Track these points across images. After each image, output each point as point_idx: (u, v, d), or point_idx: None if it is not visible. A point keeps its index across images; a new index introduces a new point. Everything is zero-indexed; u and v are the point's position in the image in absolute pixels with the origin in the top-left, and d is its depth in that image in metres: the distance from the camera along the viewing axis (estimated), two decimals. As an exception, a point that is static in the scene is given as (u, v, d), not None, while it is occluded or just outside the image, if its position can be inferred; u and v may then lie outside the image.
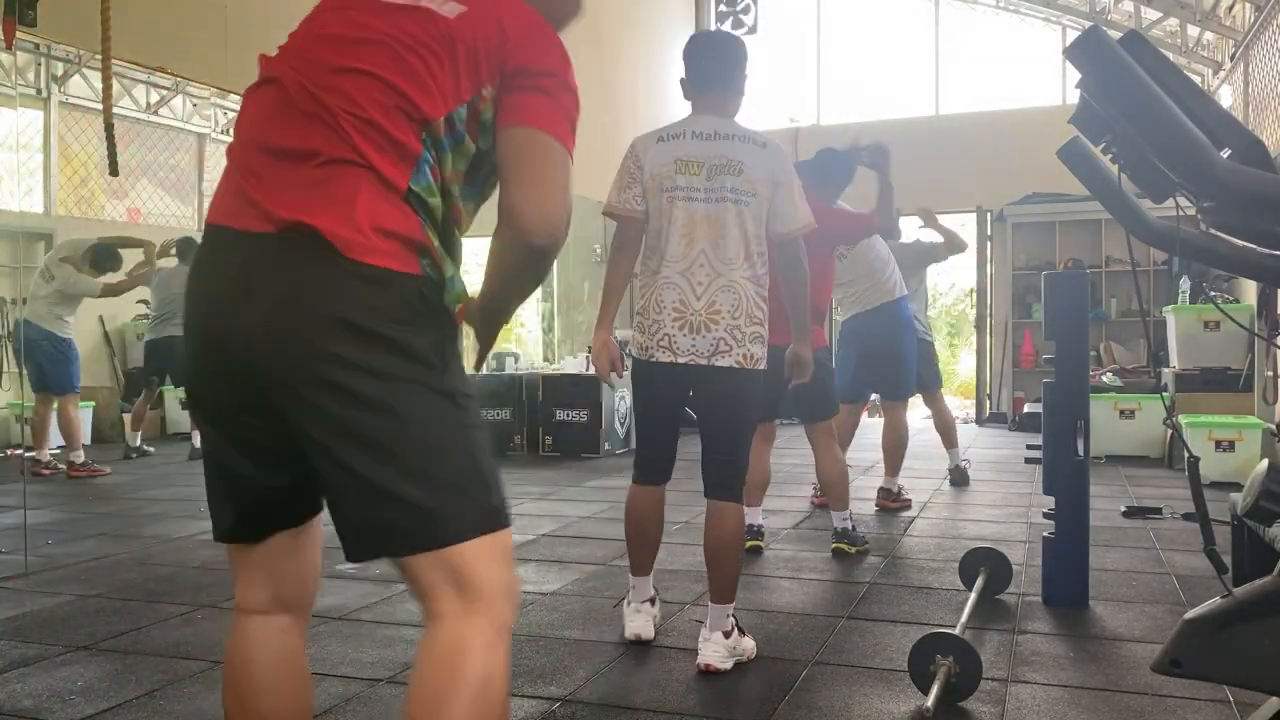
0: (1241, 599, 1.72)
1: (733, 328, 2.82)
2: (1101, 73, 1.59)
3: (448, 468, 1.36)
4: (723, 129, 2.89)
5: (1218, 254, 2.04)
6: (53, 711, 2.54)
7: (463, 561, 1.37)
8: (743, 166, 2.84)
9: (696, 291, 2.83)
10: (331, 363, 1.30)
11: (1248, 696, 2.44)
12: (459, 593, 1.37)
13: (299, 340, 1.31)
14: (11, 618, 3.41)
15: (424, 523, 1.35)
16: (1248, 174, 1.61)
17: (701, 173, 2.85)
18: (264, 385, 1.36)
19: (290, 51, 1.51)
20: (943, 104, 11.30)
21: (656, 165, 2.90)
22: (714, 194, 2.84)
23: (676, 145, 2.89)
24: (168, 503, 5.82)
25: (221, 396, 1.43)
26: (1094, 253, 10.19)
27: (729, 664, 2.82)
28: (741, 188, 2.84)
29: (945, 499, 5.81)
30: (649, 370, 2.94)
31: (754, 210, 2.86)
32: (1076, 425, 3.40)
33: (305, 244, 1.32)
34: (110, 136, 4.41)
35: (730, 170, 2.84)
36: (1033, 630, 3.20)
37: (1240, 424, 6.55)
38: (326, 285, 1.31)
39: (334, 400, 1.31)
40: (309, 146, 1.37)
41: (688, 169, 2.86)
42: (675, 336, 2.85)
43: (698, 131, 2.89)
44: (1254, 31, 8.11)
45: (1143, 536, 4.65)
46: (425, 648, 1.38)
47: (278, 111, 1.43)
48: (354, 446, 1.32)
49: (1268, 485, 1.89)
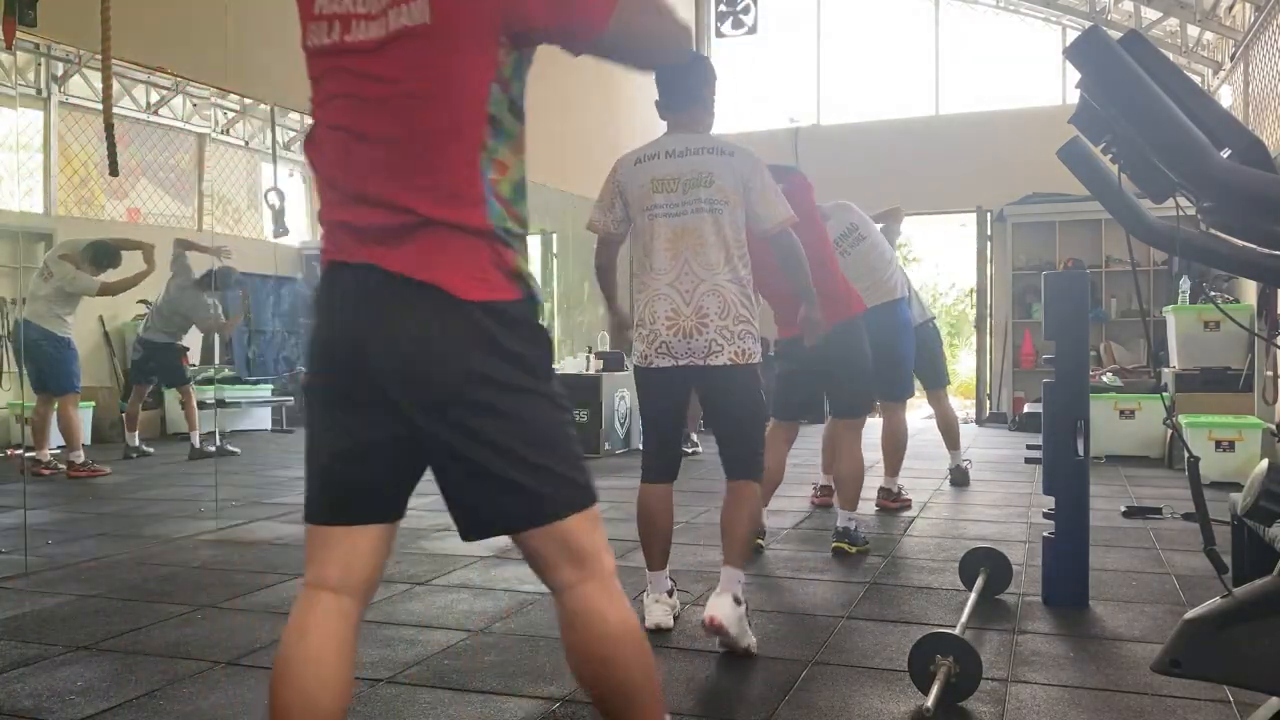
0: (1241, 599, 1.72)
1: (722, 328, 3.03)
2: (1101, 73, 1.59)
3: (556, 460, 1.60)
4: (693, 144, 3.08)
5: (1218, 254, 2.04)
6: (53, 711, 2.55)
7: (569, 533, 1.61)
8: (713, 177, 3.04)
9: (685, 299, 3.04)
10: (476, 382, 1.54)
11: (1248, 696, 2.44)
12: (573, 562, 1.61)
13: (446, 367, 1.54)
14: (11, 618, 3.41)
15: (537, 505, 1.59)
16: (1248, 174, 1.61)
17: (677, 189, 3.05)
18: (406, 398, 1.56)
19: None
20: (943, 104, 11.30)
21: (635, 187, 3.12)
22: (689, 206, 3.04)
23: (652, 165, 3.09)
24: (168, 503, 5.82)
25: (350, 397, 1.60)
26: (1094, 253, 10.20)
27: (735, 629, 2.91)
28: (715, 197, 3.03)
29: (945, 499, 5.82)
30: (651, 377, 3.16)
31: (729, 216, 3.04)
32: (1076, 425, 3.40)
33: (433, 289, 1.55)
34: (110, 136, 4.41)
35: (702, 183, 3.04)
36: (1033, 630, 3.20)
37: (1240, 424, 6.55)
38: (461, 321, 1.54)
39: (474, 413, 1.54)
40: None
41: (664, 187, 3.06)
42: (671, 343, 3.06)
43: (670, 150, 3.09)
44: (1254, 31, 8.11)
45: (1143, 536, 4.65)
46: (567, 618, 1.64)
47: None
48: (489, 450, 1.55)
49: (1268, 485, 1.89)
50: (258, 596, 3.67)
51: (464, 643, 3.09)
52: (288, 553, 4.41)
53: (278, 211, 7.09)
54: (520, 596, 3.62)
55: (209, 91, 9.70)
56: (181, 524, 5.10)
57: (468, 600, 3.59)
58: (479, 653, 3.00)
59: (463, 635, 3.17)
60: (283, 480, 6.81)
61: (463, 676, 2.78)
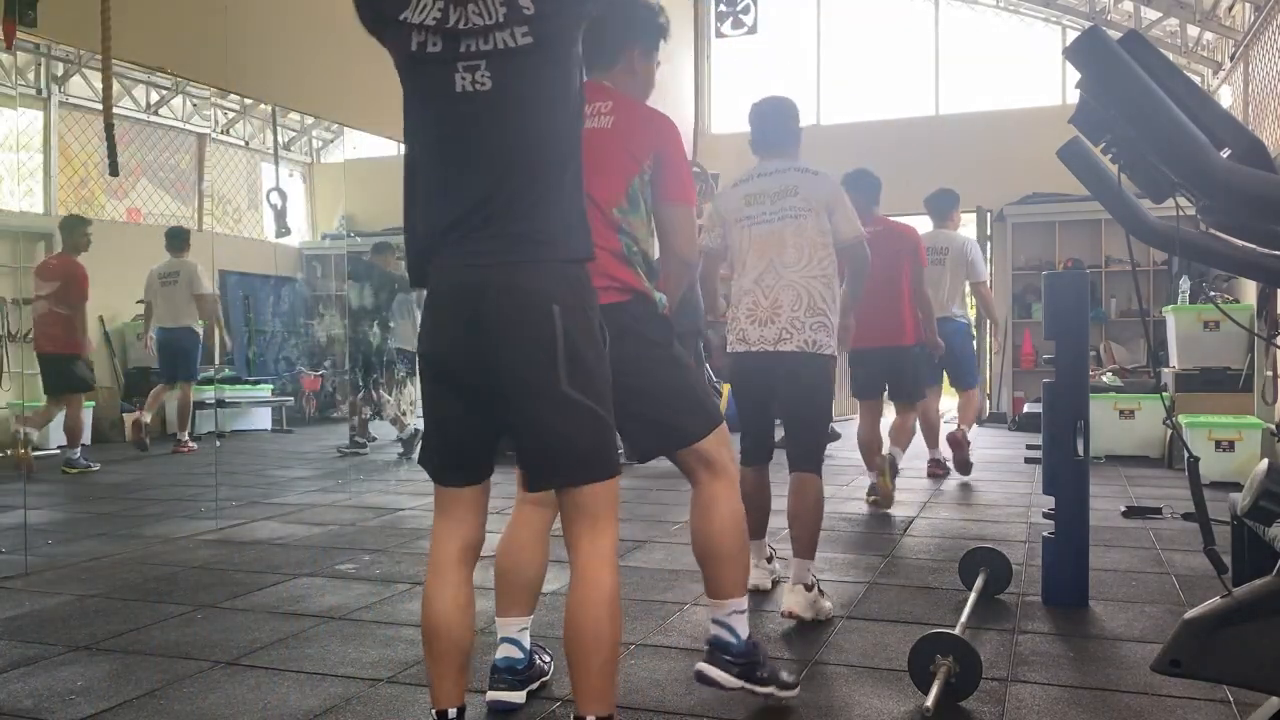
0: (1241, 599, 1.72)
1: (794, 318, 3.36)
2: (1101, 73, 1.59)
3: (691, 400, 2.47)
4: (782, 165, 3.56)
5: (1218, 254, 2.05)
6: (53, 711, 2.55)
7: (705, 449, 2.46)
8: (798, 189, 3.47)
9: (765, 294, 3.41)
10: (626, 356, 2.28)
11: (1248, 696, 2.44)
12: (707, 469, 2.48)
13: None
14: (11, 618, 3.41)
15: (683, 433, 2.46)
16: (1248, 174, 1.61)
17: (766, 201, 3.49)
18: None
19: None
20: (943, 104, 11.29)
21: (731, 205, 3.58)
22: (776, 215, 3.45)
23: (745, 185, 3.58)
24: (168, 503, 5.82)
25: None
26: (1094, 253, 10.20)
27: (809, 614, 3.25)
28: (799, 205, 3.44)
29: (945, 499, 5.82)
30: (733, 361, 3.53)
31: (811, 222, 3.43)
32: (1076, 425, 3.40)
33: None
34: (110, 136, 4.41)
35: (789, 194, 3.47)
36: (1033, 630, 3.20)
37: (1240, 424, 6.55)
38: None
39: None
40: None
41: (755, 200, 3.51)
42: (747, 330, 3.44)
43: (762, 171, 3.57)
44: (1254, 31, 8.11)
45: (1143, 536, 4.65)
46: (695, 503, 2.52)
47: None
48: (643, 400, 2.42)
49: (1268, 485, 1.89)
50: (258, 596, 3.67)
51: (464, 643, 3.09)
52: (288, 553, 4.41)
53: (279, 212, 7.10)
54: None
55: (209, 91, 9.70)
56: (181, 524, 5.10)
57: (468, 600, 3.59)
58: (479, 653, 2.99)
59: (463, 635, 3.16)
60: (283, 480, 6.82)
61: (463, 676, 2.78)
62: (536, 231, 1.91)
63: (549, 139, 1.93)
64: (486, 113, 1.90)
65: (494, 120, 1.90)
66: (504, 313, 1.88)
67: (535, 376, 1.89)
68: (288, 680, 2.77)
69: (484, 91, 1.90)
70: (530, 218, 1.91)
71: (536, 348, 1.88)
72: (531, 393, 1.90)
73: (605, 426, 1.95)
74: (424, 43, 1.91)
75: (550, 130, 1.93)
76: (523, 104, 1.91)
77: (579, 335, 1.91)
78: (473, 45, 1.89)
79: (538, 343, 1.88)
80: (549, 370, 1.88)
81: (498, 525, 2.43)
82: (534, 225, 1.91)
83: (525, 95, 1.90)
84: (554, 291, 1.89)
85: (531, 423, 1.93)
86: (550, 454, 1.94)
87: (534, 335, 1.88)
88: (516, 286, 1.89)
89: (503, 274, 1.90)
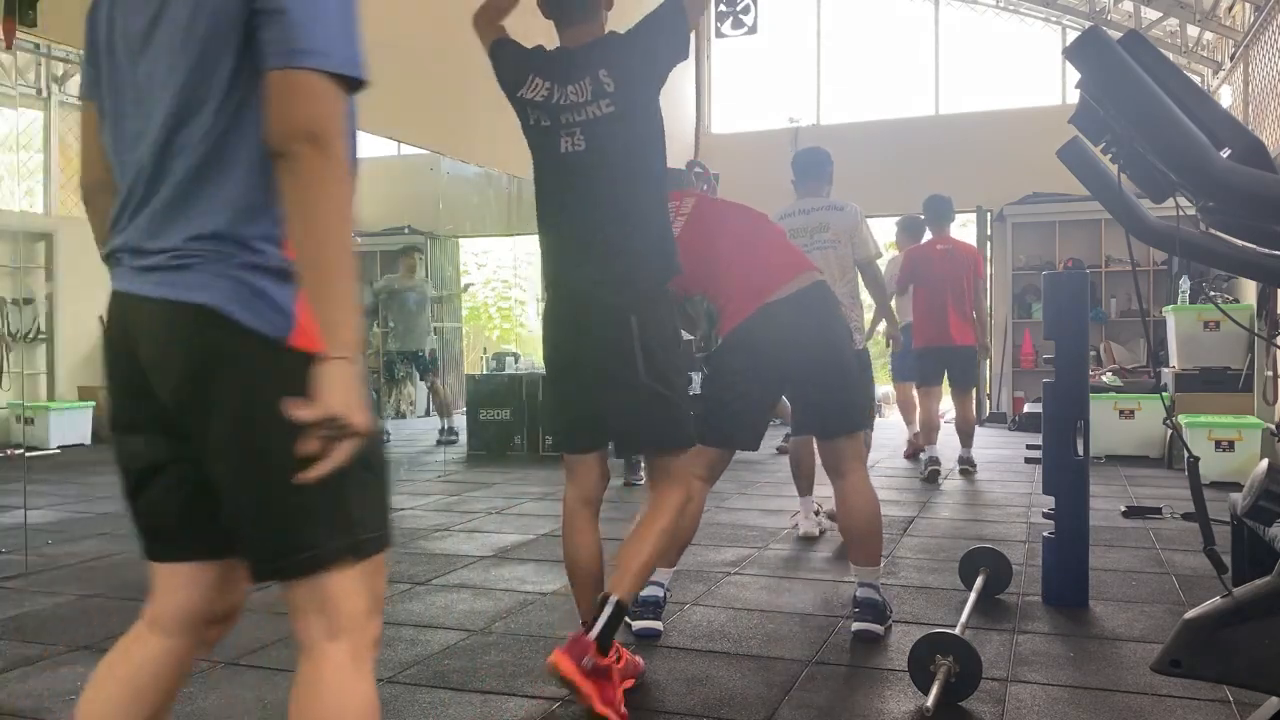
0: (1241, 599, 1.72)
1: None
2: (1101, 73, 1.59)
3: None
4: (816, 205, 4.70)
5: (1218, 254, 2.05)
6: (53, 711, 2.55)
7: (851, 444, 3.23)
8: (829, 225, 4.63)
9: None
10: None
11: (1248, 696, 2.44)
12: (855, 459, 3.22)
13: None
14: (11, 618, 3.41)
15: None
16: (1248, 174, 1.61)
17: (806, 234, 4.56)
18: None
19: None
20: (943, 104, 11.29)
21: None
22: (815, 245, 4.53)
23: (790, 220, 4.61)
24: (168, 503, 5.81)
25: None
26: (1094, 253, 10.19)
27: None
28: (829, 239, 4.60)
29: (945, 499, 5.82)
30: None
31: (839, 251, 4.61)
32: (1076, 425, 3.40)
33: None
34: (110, 136, 4.40)
35: (822, 229, 4.62)
36: (1033, 630, 3.20)
37: (1240, 424, 6.55)
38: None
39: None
40: None
41: (797, 234, 4.46)
42: None
43: (801, 209, 4.70)
44: (1254, 31, 8.11)
45: (1143, 536, 4.65)
46: (840, 493, 3.24)
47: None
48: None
49: (1268, 485, 1.89)
50: (257, 596, 3.65)
51: (464, 643, 3.09)
52: (288, 553, 4.40)
53: None
54: (520, 596, 3.62)
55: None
56: (181, 524, 5.10)
57: (468, 600, 3.59)
58: (479, 653, 3.00)
59: (463, 635, 3.17)
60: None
61: (463, 676, 2.78)
62: (625, 256, 2.52)
63: (632, 184, 2.52)
64: (584, 167, 2.53)
65: (590, 173, 2.53)
66: (597, 322, 2.52)
67: (618, 368, 2.51)
68: (288, 680, 2.75)
69: (581, 152, 2.53)
70: (621, 249, 2.52)
71: (620, 346, 2.50)
72: (616, 381, 2.53)
73: (674, 405, 2.57)
74: (539, 118, 2.57)
75: (632, 177, 2.52)
76: (610, 159, 2.52)
77: (652, 337, 2.51)
78: (571, 117, 2.52)
79: (620, 343, 2.49)
80: (629, 363, 2.49)
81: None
82: (623, 250, 2.52)
83: (612, 153, 2.52)
84: (633, 305, 2.50)
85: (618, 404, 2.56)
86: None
87: (618, 337, 2.50)
88: (606, 303, 2.51)
89: (599, 292, 2.52)
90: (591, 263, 2.55)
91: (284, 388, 1.24)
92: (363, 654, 1.38)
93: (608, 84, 2.49)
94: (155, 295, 1.31)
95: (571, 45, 2.58)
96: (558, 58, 2.59)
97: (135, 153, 1.35)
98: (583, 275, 2.56)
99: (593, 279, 2.54)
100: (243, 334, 1.28)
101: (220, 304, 1.27)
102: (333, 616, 1.35)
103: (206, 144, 1.29)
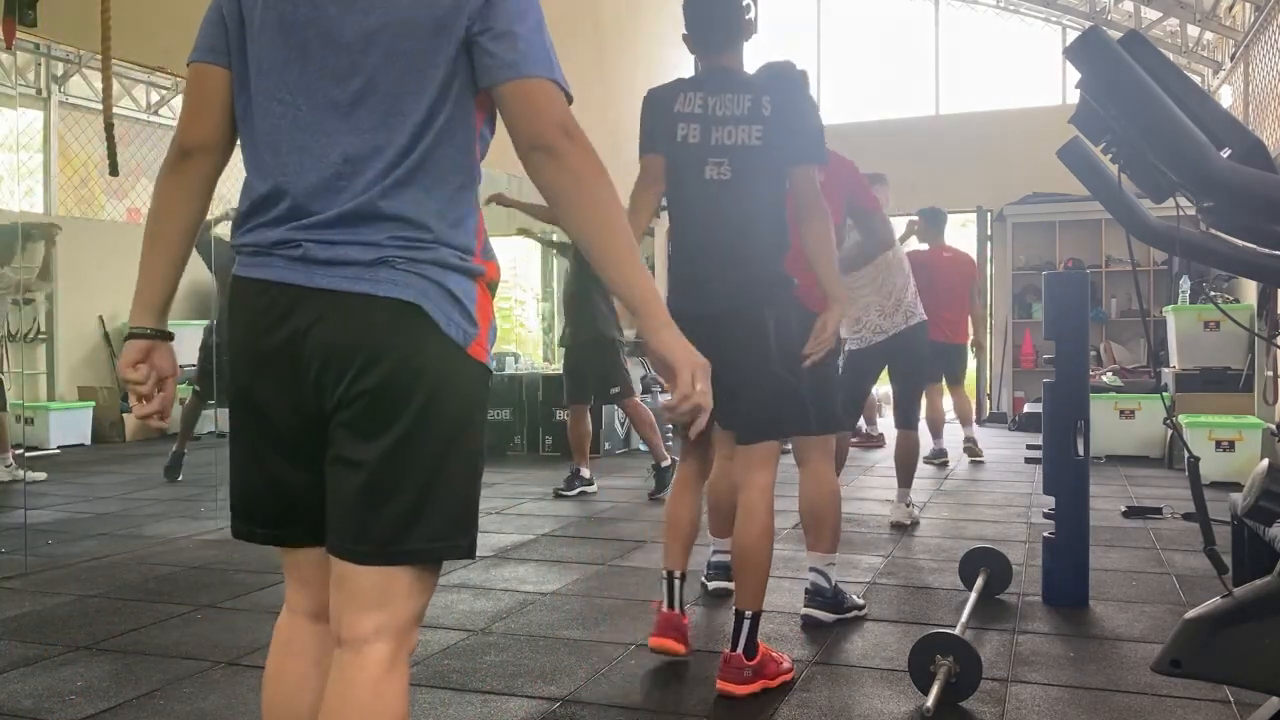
0: (1241, 599, 1.72)
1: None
2: (1101, 73, 1.59)
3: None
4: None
5: (1218, 254, 2.04)
6: (53, 711, 2.54)
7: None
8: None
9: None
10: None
11: (1248, 696, 2.44)
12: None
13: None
14: (11, 618, 3.41)
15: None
16: (1248, 174, 1.61)
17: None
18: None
19: None
20: (943, 104, 11.29)
21: None
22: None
23: None
24: (168, 503, 5.82)
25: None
26: (1094, 253, 10.19)
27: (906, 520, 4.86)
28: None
29: (945, 499, 5.82)
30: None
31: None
32: (1076, 425, 3.40)
33: None
34: (110, 136, 4.40)
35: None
36: (1033, 630, 3.20)
37: (1240, 424, 6.55)
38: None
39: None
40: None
41: None
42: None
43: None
44: (1254, 31, 8.11)
45: (1143, 536, 4.65)
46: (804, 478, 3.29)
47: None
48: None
49: (1268, 485, 1.89)
50: (258, 596, 3.67)
51: (464, 643, 3.09)
52: (288, 553, 4.40)
53: None
54: (520, 596, 3.62)
55: (209, 91, 9.68)
56: (181, 524, 5.10)
57: (468, 600, 3.59)
58: (479, 653, 3.00)
59: (463, 635, 3.17)
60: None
61: (463, 676, 2.78)
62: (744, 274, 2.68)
63: (763, 213, 2.68)
64: (725, 195, 2.67)
65: (729, 200, 2.67)
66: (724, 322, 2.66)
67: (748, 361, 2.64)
68: (288, 680, 2.76)
69: (725, 181, 2.66)
70: (743, 269, 2.67)
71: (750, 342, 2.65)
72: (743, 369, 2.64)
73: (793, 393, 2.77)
74: (687, 133, 2.67)
75: (764, 206, 2.68)
76: (754, 190, 2.67)
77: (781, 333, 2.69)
78: (721, 138, 2.64)
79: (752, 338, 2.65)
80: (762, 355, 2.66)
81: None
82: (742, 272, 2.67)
83: (754, 181, 2.66)
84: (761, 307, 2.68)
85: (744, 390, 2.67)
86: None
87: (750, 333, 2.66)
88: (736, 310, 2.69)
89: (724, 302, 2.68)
90: (727, 271, 2.66)
91: (462, 392, 1.35)
92: (401, 660, 1.36)
93: (766, 108, 2.61)
94: (355, 290, 1.33)
95: (727, 65, 2.71)
96: (710, 72, 2.71)
97: (320, 145, 1.35)
98: (715, 287, 2.66)
99: (727, 289, 2.65)
100: (438, 335, 1.34)
101: (424, 303, 1.33)
102: (391, 614, 1.35)
103: (420, 150, 1.34)
